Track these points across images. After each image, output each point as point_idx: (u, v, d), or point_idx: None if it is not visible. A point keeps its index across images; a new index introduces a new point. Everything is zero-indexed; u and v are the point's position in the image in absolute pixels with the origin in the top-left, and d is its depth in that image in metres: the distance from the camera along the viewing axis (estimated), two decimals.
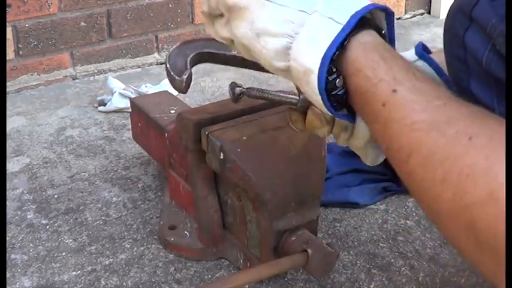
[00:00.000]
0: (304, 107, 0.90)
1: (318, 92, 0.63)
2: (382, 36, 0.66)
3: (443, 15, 2.43)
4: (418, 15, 2.45)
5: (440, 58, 0.82)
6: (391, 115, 0.59)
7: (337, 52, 0.62)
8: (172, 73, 0.95)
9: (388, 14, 0.66)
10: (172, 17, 1.95)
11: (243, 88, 0.89)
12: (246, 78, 1.86)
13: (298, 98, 0.92)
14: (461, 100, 0.58)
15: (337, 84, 0.63)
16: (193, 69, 2.08)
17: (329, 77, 0.63)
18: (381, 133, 0.61)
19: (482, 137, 0.52)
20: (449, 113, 0.56)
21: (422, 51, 0.81)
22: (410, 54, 0.82)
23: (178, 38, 1.97)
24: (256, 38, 0.67)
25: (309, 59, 0.63)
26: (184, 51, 1.00)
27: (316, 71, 0.62)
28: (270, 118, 1.02)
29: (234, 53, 1.01)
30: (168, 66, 0.96)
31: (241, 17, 0.68)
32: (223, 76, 1.88)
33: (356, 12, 0.62)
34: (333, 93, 0.64)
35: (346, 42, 0.62)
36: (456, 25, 0.73)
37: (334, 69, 0.63)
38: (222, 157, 0.98)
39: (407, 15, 2.43)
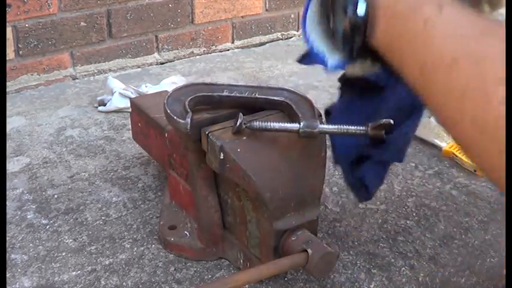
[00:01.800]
0: (307, 133, 0.93)
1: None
2: None
3: None
4: None
5: None
6: (434, 31, 0.58)
7: None
8: (175, 117, 0.99)
9: None
10: (172, 17, 1.95)
11: (246, 121, 0.96)
12: (247, 78, 1.86)
13: (299, 125, 0.94)
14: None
15: (358, 12, 0.62)
16: (194, 68, 2.09)
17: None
18: (423, 50, 0.59)
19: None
20: (492, 29, 0.56)
21: None
22: None
23: (178, 38, 1.97)
24: None
25: None
26: (179, 98, 1.04)
27: None
28: (270, 118, 1.02)
29: (226, 93, 1.06)
30: (168, 111, 1.01)
31: None
32: (223, 76, 1.88)
33: None
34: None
35: None
36: None
37: None
38: (222, 157, 0.98)
39: None
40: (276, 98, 1.04)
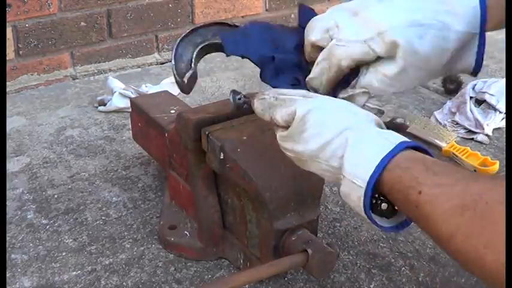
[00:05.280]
0: None
1: (367, 218, 0.76)
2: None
3: None
4: None
5: None
6: (425, 212, 0.68)
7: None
8: (175, 72, 0.94)
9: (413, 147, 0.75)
10: (172, 17, 1.95)
11: (245, 97, 0.89)
12: (247, 78, 1.86)
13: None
14: (479, 175, 0.66)
15: (382, 208, 0.76)
16: None
17: (373, 202, 0.75)
18: (424, 227, 0.70)
19: None
20: (474, 190, 0.65)
21: None
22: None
23: (178, 38, 1.97)
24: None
25: (355, 209, 0.76)
26: (195, 40, 0.97)
27: (364, 216, 0.75)
28: None
29: None
30: (173, 62, 0.94)
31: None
32: (223, 76, 1.88)
33: (371, 177, 0.72)
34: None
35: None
36: None
37: (374, 200, 0.75)
38: (222, 157, 0.98)
39: None
40: None
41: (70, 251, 1.12)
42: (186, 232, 1.12)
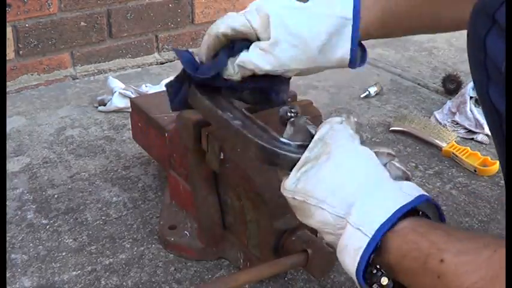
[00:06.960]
0: None
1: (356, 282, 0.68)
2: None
3: None
4: None
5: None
6: (449, 284, 0.60)
7: (372, 256, 0.66)
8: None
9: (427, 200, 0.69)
10: (172, 17, 1.95)
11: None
12: None
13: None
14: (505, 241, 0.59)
15: (382, 282, 0.67)
16: None
17: (373, 272, 0.67)
18: None
19: None
20: (500, 258, 0.57)
21: None
22: None
23: (178, 38, 1.97)
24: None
25: (348, 267, 0.69)
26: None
27: (355, 278, 0.68)
28: (270, 118, 1.01)
29: None
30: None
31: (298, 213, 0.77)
32: None
33: (382, 225, 0.66)
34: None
35: (379, 243, 0.66)
36: (478, 25, 0.70)
37: (375, 270, 0.68)
38: (222, 157, 0.98)
39: None
40: None
41: (70, 251, 1.12)
42: (186, 232, 1.12)
